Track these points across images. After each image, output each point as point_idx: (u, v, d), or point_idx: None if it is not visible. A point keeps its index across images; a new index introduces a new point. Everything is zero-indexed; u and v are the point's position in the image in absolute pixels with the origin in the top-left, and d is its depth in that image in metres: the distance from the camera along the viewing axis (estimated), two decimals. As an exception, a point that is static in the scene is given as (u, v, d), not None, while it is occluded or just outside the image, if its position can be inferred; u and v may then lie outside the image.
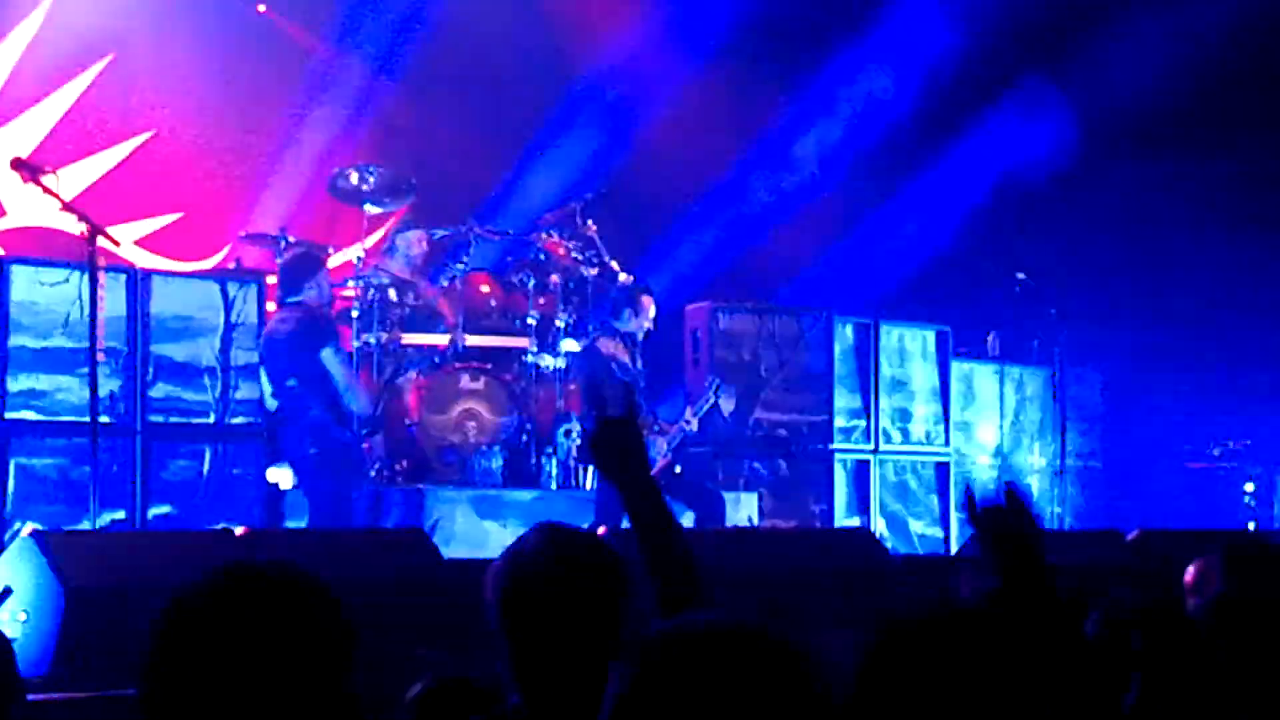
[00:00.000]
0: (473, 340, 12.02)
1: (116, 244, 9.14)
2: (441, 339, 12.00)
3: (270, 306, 11.01)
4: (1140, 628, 3.86)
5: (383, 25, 14.69)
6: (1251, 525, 14.28)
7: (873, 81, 15.96)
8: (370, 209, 12.40)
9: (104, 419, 9.22)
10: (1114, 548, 9.62)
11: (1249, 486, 15.01)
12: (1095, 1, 15.60)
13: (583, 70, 15.46)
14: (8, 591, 6.19)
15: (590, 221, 12.47)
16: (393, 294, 11.89)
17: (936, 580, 8.38)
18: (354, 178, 12.26)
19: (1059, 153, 15.79)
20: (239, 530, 7.91)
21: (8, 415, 9.96)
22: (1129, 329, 15.64)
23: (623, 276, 12.23)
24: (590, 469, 11.69)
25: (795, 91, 15.89)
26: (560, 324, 12.26)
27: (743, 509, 12.22)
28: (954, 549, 13.10)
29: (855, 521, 13.12)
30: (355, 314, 11.82)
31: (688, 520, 11.16)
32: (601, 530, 8.44)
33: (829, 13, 15.78)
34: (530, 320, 12.20)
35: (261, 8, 15.07)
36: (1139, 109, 15.07)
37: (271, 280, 11.12)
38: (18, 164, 8.77)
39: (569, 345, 12.19)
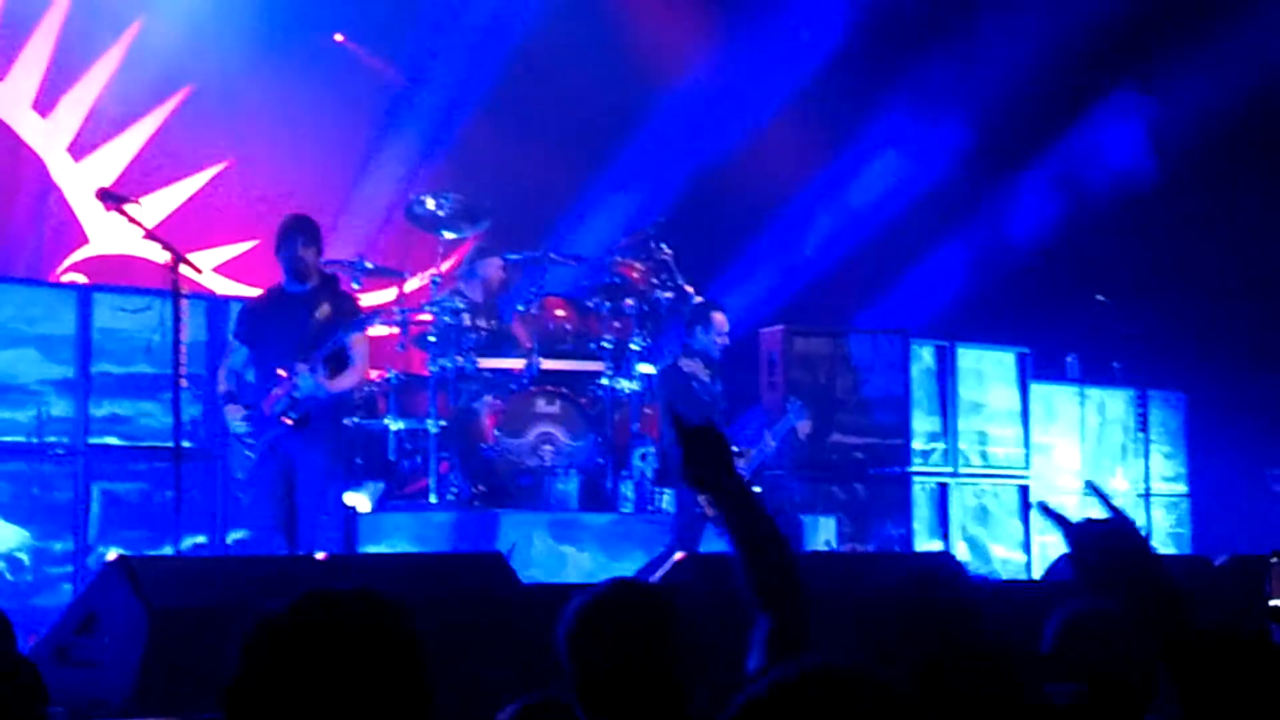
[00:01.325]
0: (548, 364, 12.05)
1: (199, 271, 9.23)
2: (517, 363, 12.03)
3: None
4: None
5: (458, 53, 14.76)
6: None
7: (946, 108, 15.93)
8: (446, 234, 12.45)
9: (185, 444, 9.30)
10: (1203, 574, 9.45)
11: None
12: (1180, 17, 15.48)
13: (657, 96, 15.49)
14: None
15: (665, 246, 12.48)
16: (468, 319, 11.92)
17: (1022, 606, 8.32)
18: (430, 203, 12.31)
19: (1140, 170, 15.69)
20: (320, 554, 7.96)
21: (91, 441, 10.06)
22: (1213, 349, 15.47)
23: (696, 299, 12.23)
24: (666, 492, 11.68)
25: (869, 117, 15.85)
26: (635, 347, 12.27)
27: (821, 533, 12.19)
28: (1037, 573, 13.01)
29: (935, 545, 13.06)
30: (431, 339, 11.87)
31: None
32: (679, 556, 8.42)
33: (902, 40, 15.76)
34: (605, 344, 12.22)
35: (339, 37, 15.19)
36: (1224, 125, 14.97)
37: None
38: (102, 194, 8.88)
39: (644, 368, 12.21)
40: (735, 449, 11.49)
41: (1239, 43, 14.82)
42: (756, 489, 11.45)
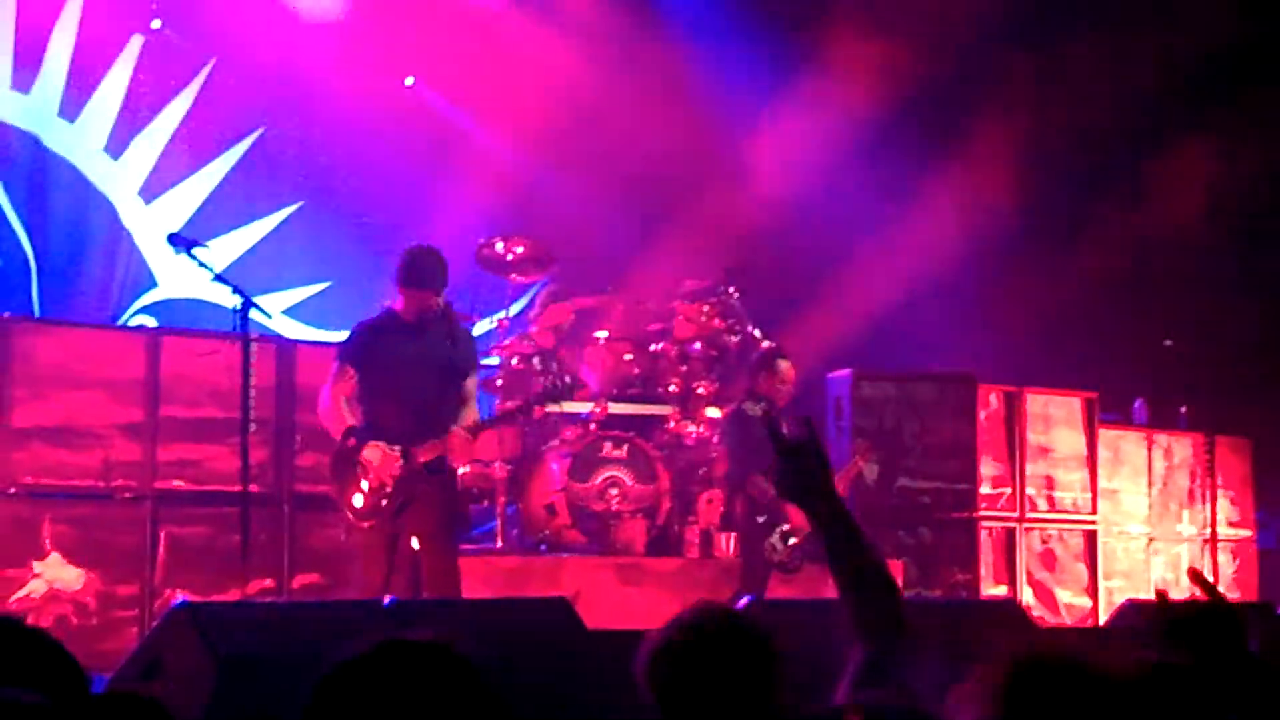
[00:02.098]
0: (615, 409, 12.06)
1: (269, 315, 9.26)
2: (584, 407, 12.04)
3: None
4: None
5: (529, 99, 14.82)
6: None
7: (1014, 149, 15.90)
8: (515, 278, 12.48)
9: (253, 488, 9.32)
10: (1268, 620, 9.39)
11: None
12: (1244, 62, 15.43)
13: (726, 140, 15.51)
14: None
15: (733, 289, 12.48)
16: (536, 362, 11.95)
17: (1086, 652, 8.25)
18: (499, 247, 12.33)
19: (1206, 217, 15.62)
20: (386, 599, 7.96)
21: (158, 485, 10.11)
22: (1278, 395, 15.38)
23: (764, 344, 12.22)
24: (733, 537, 11.65)
25: (936, 162, 15.82)
26: (702, 392, 12.26)
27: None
28: (1103, 618, 12.92)
29: (1001, 590, 12.99)
30: (499, 382, 11.89)
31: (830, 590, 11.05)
32: (745, 599, 8.39)
33: (968, 90, 15.77)
34: (672, 388, 12.22)
35: (409, 81, 15.28)
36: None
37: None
38: (172, 238, 8.94)
39: (711, 413, 12.19)
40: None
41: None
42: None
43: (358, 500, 8.90)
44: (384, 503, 8.84)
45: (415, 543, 9.00)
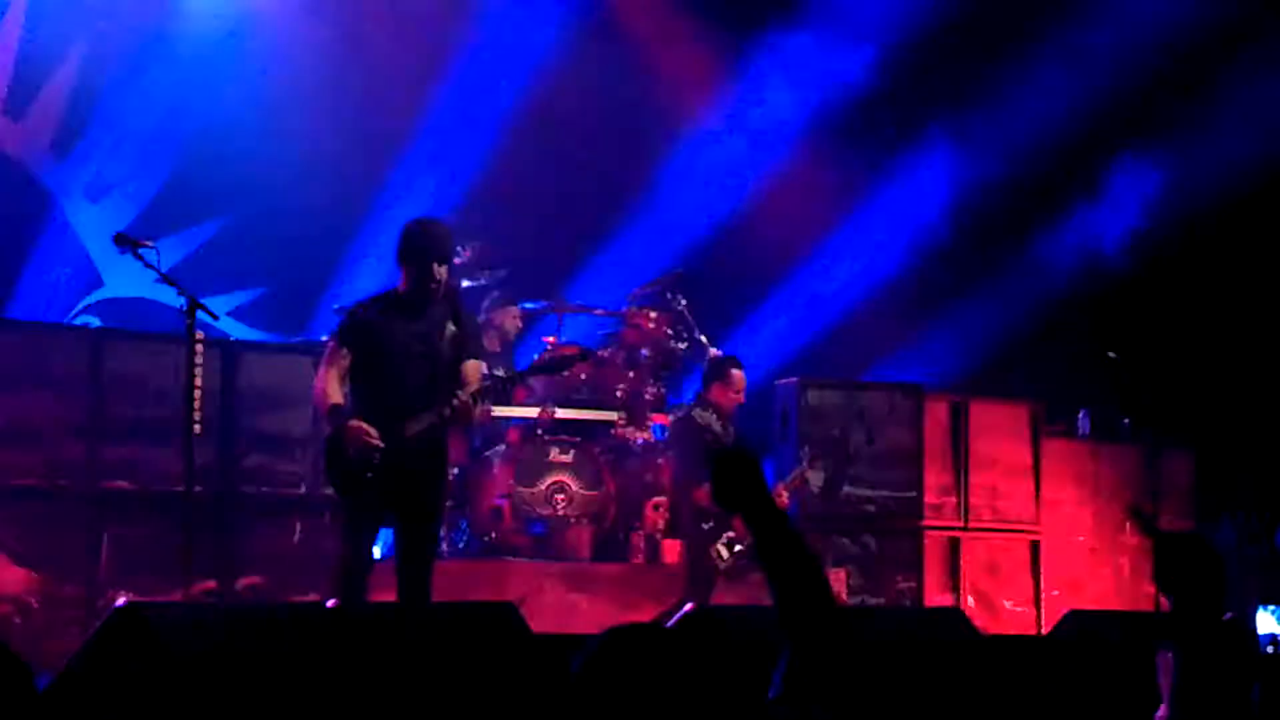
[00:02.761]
0: (563, 414, 12.06)
1: (215, 317, 9.21)
2: (531, 411, 12.03)
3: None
4: None
5: (473, 101, 14.79)
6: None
7: (960, 162, 15.97)
8: (463, 283, 12.47)
9: (197, 488, 9.27)
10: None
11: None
12: (1187, 80, 15.54)
13: (673, 146, 15.53)
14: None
15: (681, 297, 12.50)
16: (484, 366, 11.93)
17: (1029, 661, 8.30)
18: (446, 251, 12.29)
19: (1149, 230, 15.72)
20: (330, 603, 7.94)
21: (103, 485, 10.06)
22: (1223, 407, 15.48)
23: (712, 351, 12.25)
24: (679, 543, 11.67)
25: (885, 170, 15.88)
26: (650, 398, 12.28)
27: (831, 586, 12.14)
28: (1045, 628, 12.98)
29: (945, 599, 13.04)
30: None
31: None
32: (689, 607, 8.40)
33: (919, 96, 15.81)
34: (619, 394, 12.23)
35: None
36: (1227, 186, 15.01)
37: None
38: (118, 237, 8.88)
39: (658, 419, 12.21)
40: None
41: (1249, 106, 14.89)
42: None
43: (341, 477, 8.59)
44: (368, 475, 8.55)
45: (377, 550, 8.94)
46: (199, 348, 8.80)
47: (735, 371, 11.54)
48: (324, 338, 12.12)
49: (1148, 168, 15.81)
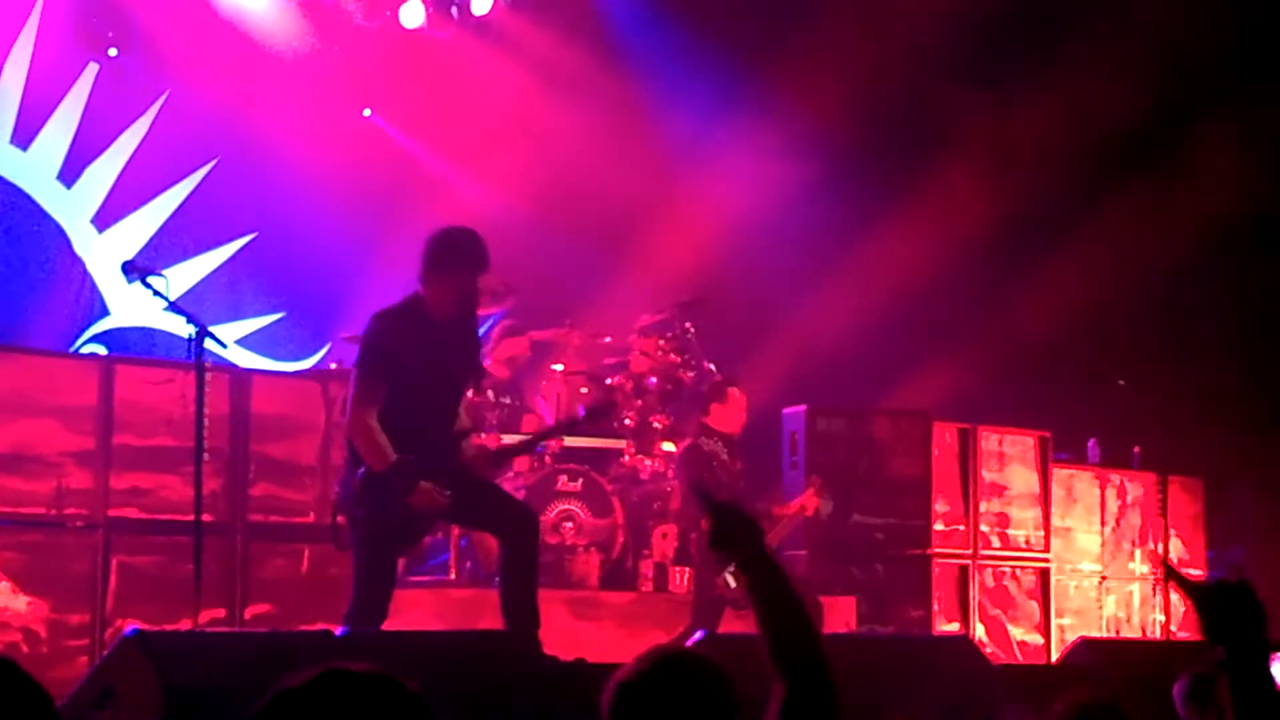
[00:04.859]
0: (570, 442, 12.05)
1: (223, 345, 9.20)
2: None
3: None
4: None
5: (482, 131, 14.81)
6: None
7: (968, 187, 15.98)
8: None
9: (206, 517, 9.25)
10: (1211, 660, 9.41)
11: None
12: (1203, 100, 15.55)
13: (682, 175, 15.53)
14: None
15: (689, 325, 12.50)
16: (491, 395, 11.94)
17: (1038, 688, 8.28)
18: (455, 279, 12.28)
19: (1162, 255, 15.70)
20: (337, 630, 7.92)
21: (111, 513, 10.04)
22: (1233, 435, 15.45)
23: (718, 379, 12.24)
24: (687, 571, 11.65)
25: (894, 199, 15.87)
26: (657, 426, 12.27)
27: (840, 614, 12.13)
28: (1055, 656, 12.95)
29: (954, 627, 13.01)
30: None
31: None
32: (699, 635, 8.38)
33: (927, 119, 15.83)
34: (627, 422, 12.23)
35: (367, 112, 15.27)
36: (1248, 209, 15.02)
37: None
38: (126, 266, 8.88)
39: (666, 447, 12.20)
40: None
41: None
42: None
43: (393, 529, 8.29)
44: (419, 529, 8.51)
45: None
46: (207, 375, 8.79)
47: (733, 390, 11.56)
48: (334, 366, 12.16)
49: (1161, 187, 15.79)
